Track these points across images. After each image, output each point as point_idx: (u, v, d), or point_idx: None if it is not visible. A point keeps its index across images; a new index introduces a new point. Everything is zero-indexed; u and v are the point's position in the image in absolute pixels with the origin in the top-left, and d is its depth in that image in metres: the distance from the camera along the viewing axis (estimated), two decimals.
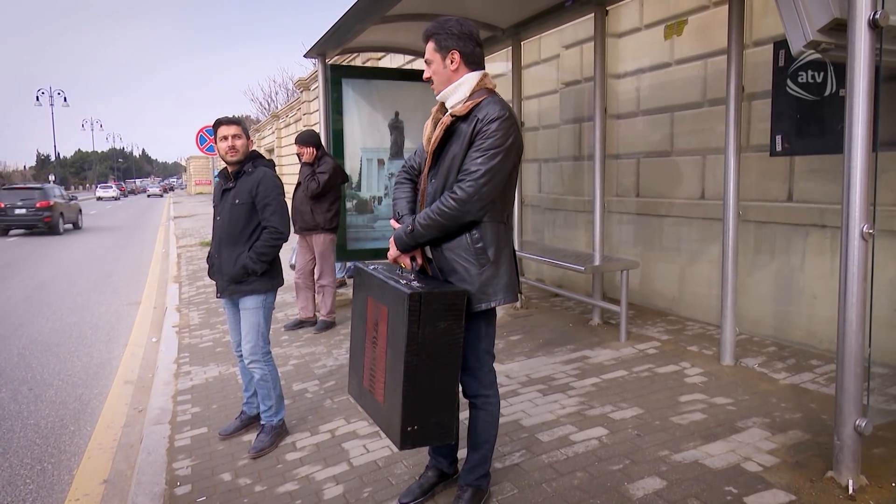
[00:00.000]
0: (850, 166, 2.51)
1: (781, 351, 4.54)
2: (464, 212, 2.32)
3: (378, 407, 2.46)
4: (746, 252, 4.89)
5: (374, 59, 12.58)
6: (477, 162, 2.29)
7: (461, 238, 2.40)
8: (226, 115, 3.57)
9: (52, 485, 3.50)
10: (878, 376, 3.81)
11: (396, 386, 2.27)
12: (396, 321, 2.28)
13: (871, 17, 2.39)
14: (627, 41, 6.19)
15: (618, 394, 3.87)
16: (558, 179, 7.30)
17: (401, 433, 2.27)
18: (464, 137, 2.34)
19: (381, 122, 6.60)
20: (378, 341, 2.44)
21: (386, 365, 2.37)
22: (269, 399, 3.50)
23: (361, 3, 4.82)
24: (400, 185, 2.66)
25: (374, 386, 2.47)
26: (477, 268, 2.39)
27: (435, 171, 2.46)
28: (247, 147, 3.49)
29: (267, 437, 3.45)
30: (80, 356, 5.95)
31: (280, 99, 38.32)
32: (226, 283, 3.45)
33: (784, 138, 4.64)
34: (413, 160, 2.68)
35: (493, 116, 2.30)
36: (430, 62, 2.45)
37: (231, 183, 3.48)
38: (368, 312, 2.54)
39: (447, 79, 2.44)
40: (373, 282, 2.51)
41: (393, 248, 2.53)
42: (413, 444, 2.35)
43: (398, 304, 2.26)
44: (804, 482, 2.72)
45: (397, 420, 2.27)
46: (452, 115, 2.39)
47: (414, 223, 2.41)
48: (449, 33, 2.41)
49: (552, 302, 6.50)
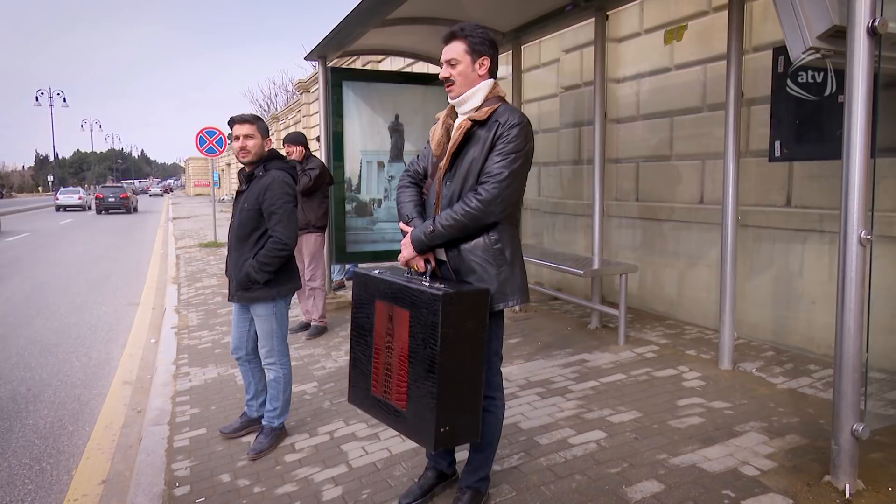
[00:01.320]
0: (848, 172, 2.53)
1: (779, 355, 4.55)
2: (487, 213, 2.37)
3: (398, 413, 2.41)
4: (745, 257, 4.91)
5: (375, 61, 12.60)
6: (500, 165, 2.35)
7: (479, 239, 2.44)
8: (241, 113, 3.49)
9: (51, 485, 3.50)
10: (876, 381, 3.83)
11: (427, 389, 2.26)
12: (423, 323, 2.27)
13: (870, 25, 2.40)
14: (627, 46, 6.22)
15: (616, 397, 3.88)
16: (558, 183, 7.32)
17: (435, 435, 2.26)
18: (483, 142, 2.39)
19: (381, 125, 6.62)
20: (394, 346, 2.40)
21: (408, 369, 2.34)
22: (276, 400, 3.48)
23: (362, 6, 4.84)
24: (405, 188, 2.66)
25: (391, 392, 2.43)
26: (496, 268, 2.44)
27: (451, 175, 2.47)
28: (261, 147, 3.38)
29: (266, 438, 3.43)
30: (78, 357, 5.94)
31: (280, 101, 38.33)
32: (234, 288, 3.41)
33: (783, 144, 4.66)
34: (417, 164, 2.69)
35: (515, 122, 2.38)
36: (457, 63, 2.44)
37: (244, 186, 3.42)
38: (377, 318, 2.50)
39: (471, 82, 2.46)
40: (384, 286, 2.47)
41: (409, 249, 2.49)
42: (445, 444, 2.36)
43: (426, 305, 2.25)
44: (801, 486, 2.73)
45: (430, 423, 2.25)
46: (472, 119, 2.43)
47: (435, 224, 2.41)
48: (483, 39, 2.45)
49: (551, 305, 6.51)
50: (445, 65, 2.45)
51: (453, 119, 2.55)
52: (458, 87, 2.46)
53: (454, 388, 2.29)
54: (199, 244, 14.36)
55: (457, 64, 2.44)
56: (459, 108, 2.51)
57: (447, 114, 2.57)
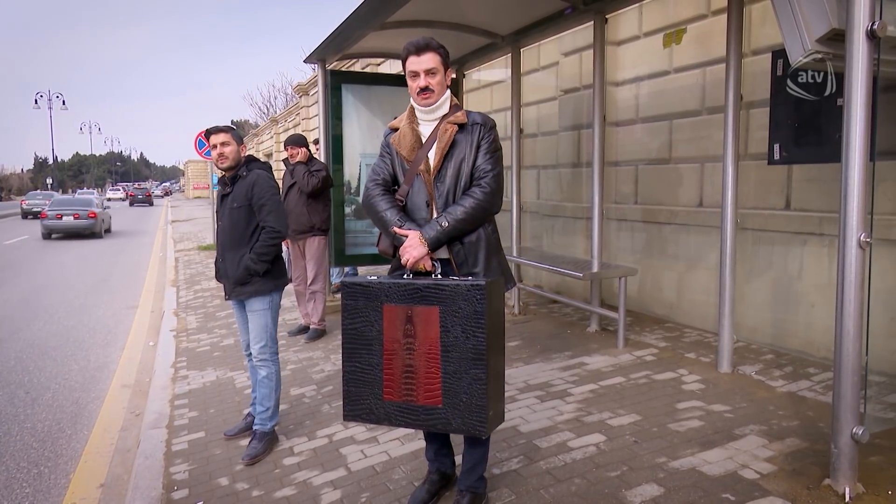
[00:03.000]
0: (847, 175, 2.53)
1: (779, 359, 4.55)
2: (493, 203, 2.58)
3: (429, 411, 2.43)
4: (744, 260, 4.91)
5: (374, 64, 12.61)
6: (491, 161, 2.59)
7: (480, 231, 2.60)
8: (216, 124, 3.70)
9: (49, 489, 3.49)
10: (875, 384, 3.82)
11: (474, 377, 2.35)
12: (462, 315, 2.36)
13: (869, 28, 2.41)
14: (626, 49, 6.22)
15: (615, 400, 3.87)
16: (557, 186, 7.32)
17: (487, 420, 2.36)
18: (469, 144, 2.59)
19: (380, 128, 6.60)
20: (418, 346, 2.43)
21: (442, 365, 2.40)
22: (268, 400, 3.54)
23: (362, 9, 4.84)
24: (381, 196, 2.68)
25: (416, 393, 2.44)
26: (497, 256, 2.65)
27: (442, 176, 2.59)
28: (237, 153, 3.59)
29: (260, 443, 3.45)
30: (77, 360, 5.93)
31: (279, 104, 38.42)
32: (232, 286, 3.55)
33: (782, 147, 4.66)
34: (383, 172, 2.72)
35: (492, 125, 2.64)
36: (436, 73, 2.58)
37: (229, 188, 3.60)
38: (387, 322, 2.46)
39: (442, 91, 2.63)
40: (396, 289, 2.45)
41: (420, 248, 2.49)
42: (492, 427, 2.46)
43: (464, 298, 2.35)
44: (801, 490, 2.72)
45: (483, 409, 2.34)
46: (454, 123, 2.60)
47: (447, 219, 2.50)
48: (447, 53, 2.65)
49: (550, 308, 6.51)
50: (425, 74, 2.56)
51: (417, 125, 2.68)
52: (436, 95, 2.60)
53: (495, 374, 2.43)
54: (198, 247, 14.34)
55: (436, 73, 2.58)
56: (431, 115, 2.64)
57: (410, 121, 2.68)
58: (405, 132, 2.66)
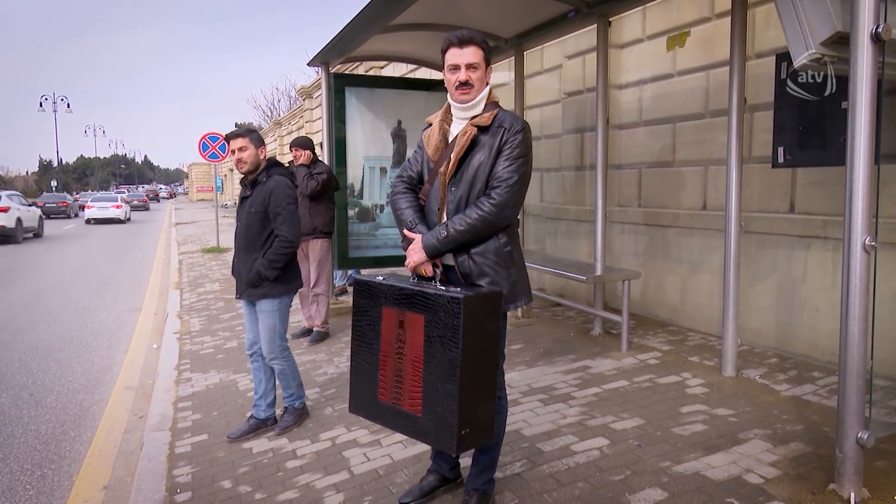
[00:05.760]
0: (852, 178, 2.52)
1: (783, 362, 4.53)
2: (501, 217, 2.41)
3: (412, 419, 2.41)
4: (748, 263, 4.89)
5: (377, 67, 12.64)
6: (510, 169, 2.40)
7: (490, 242, 2.46)
8: (234, 128, 3.78)
9: (52, 491, 3.50)
10: (881, 388, 3.80)
11: (447, 392, 2.27)
12: (441, 327, 2.28)
13: (874, 31, 2.40)
14: (630, 52, 6.22)
15: (619, 404, 3.86)
16: (560, 189, 7.31)
17: (457, 438, 2.27)
18: (490, 147, 2.43)
19: (383, 131, 6.62)
20: (406, 352, 2.40)
21: (423, 374, 2.34)
22: (289, 388, 3.80)
23: (365, 12, 4.85)
24: (402, 194, 2.64)
25: (402, 398, 2.42)
26: (506, 270, 2.49)
27: (457, 180, 2.48)
28: (256, 157, 3.63)
29: (290, 417, 3.78)
30: (80, 362, 5.94)
31: (282, 106, 38.51)
32: (243, 286, 3.67)
33: (786, 150, 4.65)
34: (410, 169, 2.68)
35: (519, 128, 2.43)
36: (477, 68, 2.45)
37: (248, 191, 3.67)
38: (385, 324, 2.48)
39: (482, 88, 2.49)
40: (393, 292, 2.45)
41: (419, 254, 2.47)
42: (466, 447, 2.37)
43: (444, 309, 2.26)
44: (806, 494, 2.71)
45: (452, 426, 2.26)
46: (476, 125, 2.45)
47: (448, 229, 2.42)
48: (490, 49, 2.52)
49: (553, 311, 6.50)
50: (466, 68, 2.43)
51: (448, 124, 2.56)
52: (475, 92, 2.47)
53: (474, 391, 2.31)
54: (202, 249, 14.37)
55: (478, 69, 2.45)
56: (464, 113, 2.51)
57: (442, 118, 2.57)
58: (434, 130, 2.57)
